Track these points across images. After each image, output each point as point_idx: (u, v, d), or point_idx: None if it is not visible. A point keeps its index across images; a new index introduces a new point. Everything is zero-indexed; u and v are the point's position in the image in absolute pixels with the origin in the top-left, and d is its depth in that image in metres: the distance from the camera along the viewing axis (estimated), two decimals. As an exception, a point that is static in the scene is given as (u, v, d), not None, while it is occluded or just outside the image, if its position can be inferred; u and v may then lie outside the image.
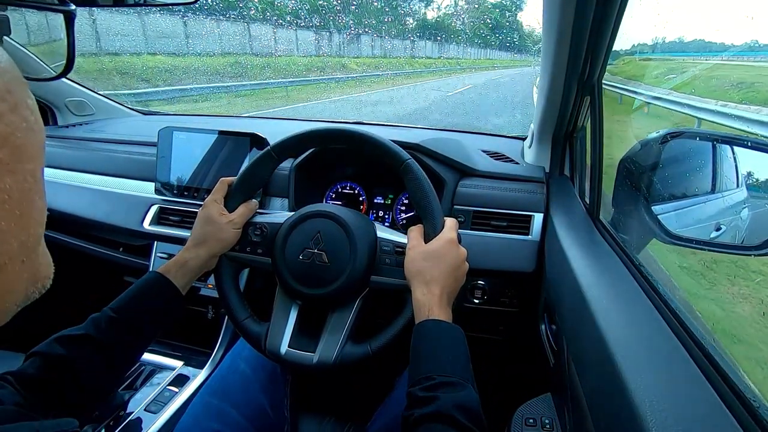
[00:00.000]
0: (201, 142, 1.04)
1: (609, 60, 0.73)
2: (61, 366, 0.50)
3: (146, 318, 0.60)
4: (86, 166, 1.17)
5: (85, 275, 1.21)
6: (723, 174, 0.72)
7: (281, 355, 0.67)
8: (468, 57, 23.86)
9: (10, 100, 0.21)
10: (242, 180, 0.72)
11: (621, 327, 0.46)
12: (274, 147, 0.72)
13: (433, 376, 0.49)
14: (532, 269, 0.86)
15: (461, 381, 0.49)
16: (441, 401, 0.46)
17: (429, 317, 0.56)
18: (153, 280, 0.63)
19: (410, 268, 0.62)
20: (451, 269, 0.61)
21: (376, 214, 1.05)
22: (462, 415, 0.45)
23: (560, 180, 0.96)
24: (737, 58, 0.99)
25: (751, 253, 0.59)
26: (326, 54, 14.53)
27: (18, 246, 0.23)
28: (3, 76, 0.21)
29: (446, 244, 0.62)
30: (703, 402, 0.36)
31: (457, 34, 22.15)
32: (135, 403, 0.84)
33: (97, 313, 0.57)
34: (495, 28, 7.94)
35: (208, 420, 0.66)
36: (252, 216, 0.73)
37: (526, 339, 0.93)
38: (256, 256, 0.71)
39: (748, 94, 1.03)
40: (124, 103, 1.60)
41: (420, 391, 0.48)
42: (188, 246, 0.68)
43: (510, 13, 13.82)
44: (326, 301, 0.67)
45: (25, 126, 0.22)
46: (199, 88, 8.33)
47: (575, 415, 0.54)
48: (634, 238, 0.70)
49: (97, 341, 0.54)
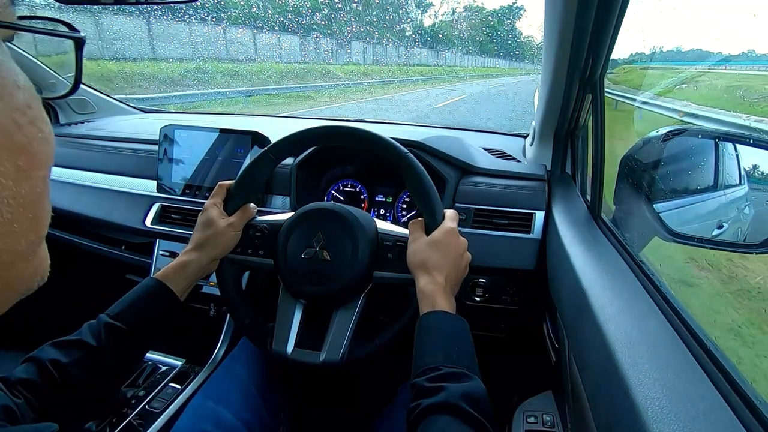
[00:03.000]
0: (203, 140, 1.04)
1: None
2: (53, 370, 0.50)
3: (143, 325, 0.59)
4: (88, 164, 1.18)
5: (88, 273, 1.22)
6: (725, 171, 0.71)
7: (288, 355, 0.67)
8: (465, 65, 23.17)
9: (30, 114, 0.24)
10: (241, 182, 0.72)
11: (622, 325, 0.46)
12: (271, 148, 0.72)
13: (440, 366, 0.49)
14: (533, 267, 0.86)
15: (468, 372, 0.49)
16: (448, 391, 0.46)
17: (434, 307, 0.55)
18: (151, 287, 0.62)
19: (413, 260, 0.62)
20: (453, 258, 0.61)
21: (377, 213, 1.05)
22: (470, 405, 0.45)
23: (562, 178, 0.96)
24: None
25: (752, 251, 0.59)
26: (312, 61, 13.65)
27: (27, 246, 0.25)
28: (24, 93, 0.24)
29: (447, 233, 0.62)
30: (704, 399, 0.36)
31: (453, 41, 21.40)
32: (137, 401, 0.84)
33: (93, 320, 0.57)
34: (493, 36, 7.63)
35: (203, 423, 0.66)
36: (252, 218, 0.73)
37: (527, 337, 0.93)
38: (258, 258, 0.71)
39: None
40: (126, 102, 1.60)
41: (426, 382, 0.48)
42: (188, 249, 0.68)
43: (509, 20, 13.46)
44: (330, 299, 0.67)
45: (40, 136, 0.25)
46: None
47: (576, 413, 0.54)
48: (636, 236, 0.70)
49: (92, 347, 0.53)
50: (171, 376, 0.91)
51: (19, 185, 0.23)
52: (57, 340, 0.53)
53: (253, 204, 0.74)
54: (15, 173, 0.23)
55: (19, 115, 0.23)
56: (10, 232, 0.23)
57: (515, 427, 0.69)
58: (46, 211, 0.27)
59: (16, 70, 0.24)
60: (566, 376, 0.60)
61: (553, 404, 0.72)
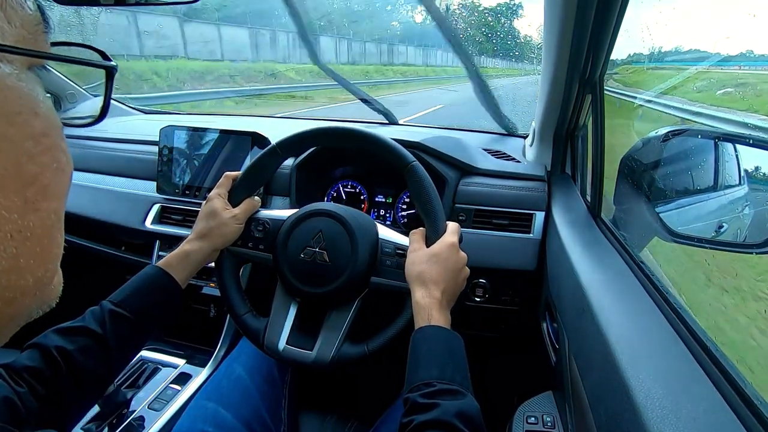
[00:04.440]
0: (202, 140, 1.04)
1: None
2: (58, 357, 0.49)
3: (146, 312, 0.59)
4: (88, 164, 1.18)
5: (87, 274, 1.21)
6: (725, 172, 0.71)
7: (279, 352, 0.67)
8: (456, 65, 21.79)
9: (45, 143, 0.23)
10: (247, 175, 0.73)
11: (622, 325, 0.46)
12: (280, 143, 0.72)
13: (434, 382, 0.48)
14: (533, 267, 0.86)
15: (462, 389, 0.49)
16: (442, 408, 0.45)
17: (429, 321, 0.55)
18: (154, 275, 0.62)
19: (411, 271, 0.62)
20: (451, 273, 0.61)
21: (377, 213, 1.05)
22: (463, 423, 0.44)
23: (562, 178, 0.96)
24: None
25: (753, 251, 0.59)
26: (261, 60, 11.03)
27: (33, 282, 0.23)
28: (42, 121, 0.22)
29: (448, 247, 0.62)
30: (703, 399, 0.36)
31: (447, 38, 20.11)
32: (137, 401, 0.84)
33: (96, 306, 0.57)
34: (491, 35, 7.04)
35: (203, 423, 0.66)
36: (255, 212, 0.73)
37: (527, 337, 0.93)
38: (258, 252, 0.71)
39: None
40: (126, 102, 1.60)
41: (420, 398, 0.47)
42: (191, 238, 0.68)
43: (507, 19, 12.67)
44: (325, 300, 0.67)
45: (55, 167, 0.23)
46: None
47: (577, 413, 0.54)
48: (636, 237, 0.70)
49: (96, 334, 0.53)
50: (171, 377, 0.91)
51: (25, 217, 0.22)
52: (60, 326, 0.53)
53: (257, 197, 0.74)
54: (22, 205, 0.21)
55: (32, 144, 0.22)
56: (15, 268, 0.22)
57: (515, 428, 0.69)
58: (56, 244, 0.25)
59: (39, 98, 0.22)
60: (566, 377, 0.60)
61: (553, 404, 0.72)
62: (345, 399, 0.89)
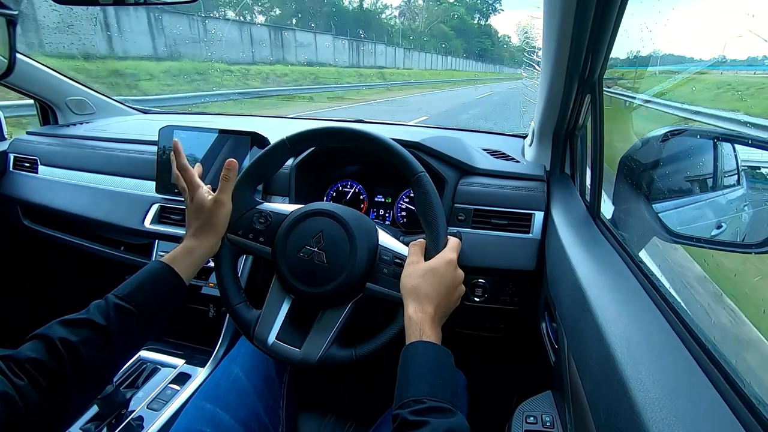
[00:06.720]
0: (202, 140, 1.04)
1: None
2: (62, 349, 0.49)
3: (151, 307, 0.59)
4: (87, 165, 1.17)
5: (86, 274, 1.21)
6: (724, 172, 0.72)
7: (268, 346, 0.67)
8: (436, 67, 19.37)
9: None
10: (253, 167, 0.73)
11: (621, 325, 0.46)
12: (290, 138, 0.73)
13: (424, 399, 0.48)
14: (532, 267, 0.86)
15: (452, 407, 0.49)
16: (432, 426, 0.45)
17: (420, 337, 0.55)
18: (158, 270, 0.62)
19: (406, 284, 0.62)
20: (446, 289, 0.61)
21: (376, 213, 1.05)
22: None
23: (561, 178, 0.96)
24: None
25: (751, 251, 0.59)
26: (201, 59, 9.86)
27: None
28: None
29: (446, 263, 0.62)
30: (703, 399, 0.36)
31: (409, 37, 16.68)
32: (137, 401, 0.84)
33: (100, 299, 0.56)
34: (458, 31, 6.26)
35: (201, 424, 0.66)
36: (259, 203, 0.74)
37: (526, 337, 0.93)
38: (258, 244, 0.71)
39: None
40: (125, 102, 1.60)
41: (410, 415, 0.47)
42: (190, 235, 0.68)
43: (480, 15, 11.69)
44: (319, 300, 0.67)
45: None
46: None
47: (576, 413, 0.54)
48: (635, 236, 0.70)
49: (101, 327, 0.53)
50: (170, 377, 0.91)
51: None
52: (64, 318, 0.53)
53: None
54: None
55: None
56: None
57: (514, 427, 0.69)
58: None
59: None
60: (566, 377, 0.60)
61: (552, 404, 0.72)
62: (344, 399, 0.89)
